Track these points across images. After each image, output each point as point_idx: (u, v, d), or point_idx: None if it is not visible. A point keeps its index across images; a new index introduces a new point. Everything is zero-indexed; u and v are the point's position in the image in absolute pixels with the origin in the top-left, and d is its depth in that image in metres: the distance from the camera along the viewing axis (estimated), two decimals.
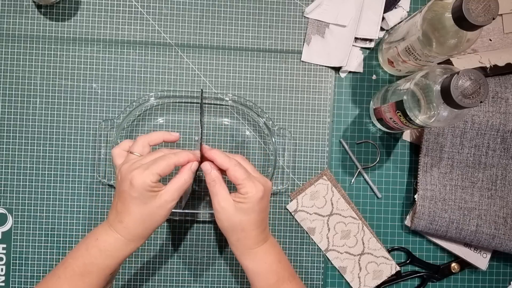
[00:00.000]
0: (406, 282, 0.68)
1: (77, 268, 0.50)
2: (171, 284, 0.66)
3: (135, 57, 0.67)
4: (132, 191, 0.48)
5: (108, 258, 0.50)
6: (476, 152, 0.65)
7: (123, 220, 0.50)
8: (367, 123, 0.68)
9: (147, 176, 0.48)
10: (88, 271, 0.50)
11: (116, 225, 0.50)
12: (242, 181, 0.51)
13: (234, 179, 0.52)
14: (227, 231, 0.53)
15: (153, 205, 0.50)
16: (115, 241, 0.50)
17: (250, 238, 0.53)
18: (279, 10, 0.68)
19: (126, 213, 0.50)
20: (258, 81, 0.67)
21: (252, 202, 0.51)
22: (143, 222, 0.50)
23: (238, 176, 0.52)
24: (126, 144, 0.55)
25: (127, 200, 0.49)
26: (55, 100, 0.66)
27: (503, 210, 0.65)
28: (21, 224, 0.65)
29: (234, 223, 0.52)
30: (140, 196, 0.49)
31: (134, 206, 0.49)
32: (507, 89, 0.64)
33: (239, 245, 0.53)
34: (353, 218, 0.67)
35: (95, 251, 0.50)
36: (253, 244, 0.53)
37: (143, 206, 0.49)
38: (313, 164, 0.68)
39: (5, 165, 0.65)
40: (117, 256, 0.51)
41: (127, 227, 0.50)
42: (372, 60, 0.68)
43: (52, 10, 0.66)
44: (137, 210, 0.49)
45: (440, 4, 0.52)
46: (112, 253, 0.50)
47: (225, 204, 0.52)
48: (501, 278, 0.69)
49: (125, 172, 0.49)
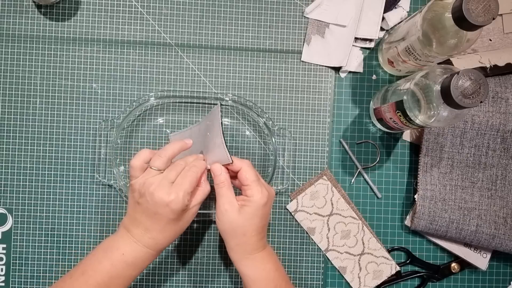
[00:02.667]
0: (406, 282, 0.68)
1: (102, 281, 0.51)
2: (171, 284, 0.66)
3: (135, 57, 0.67)
4: (171, 214, 0.50)
5: (134, 269, 0.52)
6: (476, 152, 0.65)
7: (155, 237, 0.52)
8: (367, 123, 0.68)
9: (185, 197, 0.50)
10: (114, 283, 0.51)
11: (145, 241, 0.52)
12: (251, 182, 0.53)
13: (244, 179, 0.53)
14: (228, 234, 0.53)
15: (185, 220, 0.53)
16: (144, 255, 0.52)
17: (249, 244, 0.53)
18: (279, 10, 0.68)
19: (160, 232, 0.51)
20: (258, 81, 0.67)
21: (256, 206, 0.52)
22: (174, 236, 0.53)
23: (248, 177, 0.53)
24: (147, 156, 0.54)
25: (163, 222, 0.51)
26: (55, 100, 0.66)
27: (503, 210, 0.65)
28: (21, 224, 0.65)
29: (236, 226, 0.52)
30: (177, 216, 0.51)
31: (170, 225, 0.51)
32: (507, 89, 0.64)
33: (238, 250, 0.54)
34: (353, 218, 0.67)
35: (122, 265, 0.51)
36: (252, 250, 0.54)
37: (177, 223, 0.52)
38: (313, 164, 0.68)
39: (5, 165, 0.65)
40: (142, 266, 0.53)
41: (159, 243, 0.52)
42: (372, 60, 0.68)
43: (52, 10, 0.66)
44: (172, 228, 0.52)
45: (440, 4, 0.52)
46: (140, 265, 0.52)
47: (229, 206, 0.52)
48: (501, 278, 0.69)
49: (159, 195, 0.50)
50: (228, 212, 0.52)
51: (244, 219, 0.52)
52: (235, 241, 0.53)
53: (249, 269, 0.54)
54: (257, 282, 0.54)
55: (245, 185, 0.54)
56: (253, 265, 0.54)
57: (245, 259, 0.54)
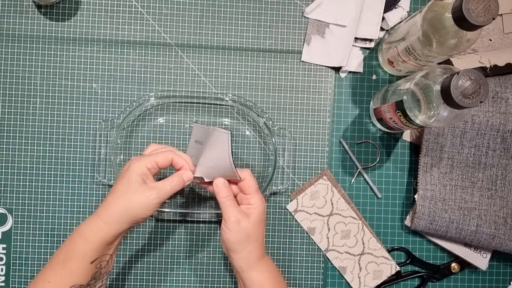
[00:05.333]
0: (406, 282, 0.68)
1: (60, 256, 0.51)
2: (171, 284, 0.66)
3: (135, 57, 0.67)
4: (126, 172, 0.51)
5: (86, 242, 0.50)
6: (476, 152, 0.65)
7: (107, 199, 0.52)
8: (367, 123, 0.68)
9: (143, 161, 0.52)
10: (69, 257, 0.50)
11: (99, 207, 0.52)
12: (255, 191, 0.55)
13: (247, 188, 0.55)
14: (241, 244, 0.54)
15: (138, 192, 0.51)
16: (93, 224, 0.51)
17: (259, 249, 0.55)
18: (279, 10, 0.68)
19: (112, 192, 0.52)
20: (258, 81, 0.67)
21: (260, 212, 0.55)
22: (123, 205, 0.50)
23: (252, 185, 0.55)
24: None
25: (117, 181, 0.52)
26: (55, 100, 0.66)
27: (503, 210, 0.65)
28: (21, 224, 0.65)
29: (249, 234, 0.54)
30: (130, 179, 0.51)
31: (122, 187, 0.51)
32: (507, 89, 0.64)
33: (250, 257, 0.54)
34: (353, 218, 0.67)
35: (75, 236, 0.51)
36: (261, 256, 0.55)
37: (129, 189, 0.51)
38: (313, 164, 0.68)
39: (5, 165, 0.65)
40: (93, 240, 0.50)
41: (107, 207, 0.51)
42: (372, 60, 0.68)
43: (52, 10, 0.66)
44: (122, 191, 0.51)
45: (440, 4, 0.52)
46: (89, 236, 0.50)
47: (240, 216, 0.54)
48: (501, 278, 0.69)
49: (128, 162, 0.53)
50: (241, 221, 0.53)
51: (254, 226, 0.54)
52: (248, 249, 0.54)
53: (259, 274, 0.55)
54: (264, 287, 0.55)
55: (247, 193, 0.55)
56: (262, 269, 0.55)
57: (254, 265, 0.55)
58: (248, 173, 0.56)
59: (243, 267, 0.55)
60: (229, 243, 0.54)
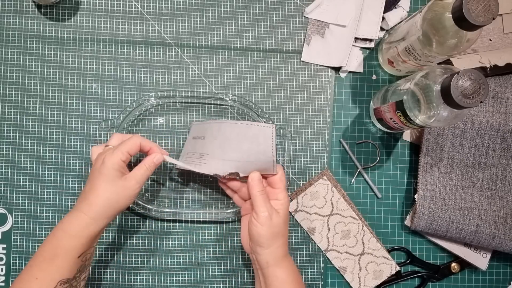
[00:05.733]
0: (406, 282, 0.68)
1: (46, 253, 0.51)
2: (171, 284, 0.66)
3: (135, 57, 0.67)
4: (102, 168, 0.52)
5: (72, 238, 0.51)
6: (476, 152, 0.65)
7: (88, 197, 0.52)
8: (367, 123, 0.68)
9: (117, 155, 0.52)
10: (56, 254, 0.51)
11: (81, 204, 0.52)
12: (284, 186, 0.57)
13: (279, 182, 0.57)
14: (271, 238, 0.54)
15: (120, 186, 0.52)
16: (78, 220, 0.51)
17: (285, 245, 0.56)
18: (279, 10, 0.68)
19: (93, 190, 0.52)
20: (258, 81, 0.67)
21: (287, 208, 0.56)
22: (108, 200, 0.52)
23: (284, 181, 0.57)
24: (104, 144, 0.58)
25: (95, 178, 0.52)
26: (55, 100, 0.66)
27: (503, 210, 0.65)
28: (21, 224, 0.65)
29: (280, 229, 0.55)
30: (109, 174, 0.52)
31: (102, 183, 0.52)
32: (507, 89, 0.64)
33: (278, 252, 0.55)
34: (353, 218, 0.67)
35: (60, 233, 0.51)
36: (286, 251, 0.57)
37: (111, 185, 0.52)
38: (313, 164, 0.68)
39: (5, 165, 0.65)
40: (80, 236, 0.51)
41: (92, 204, 0.52)
42: (372, 60, 0.68)
43: (52, 10, 0.66)
44: (104, 188, 0.52)
45: (440, 4, 0.52)
46: (75, 232, 0.51)
47: (272, 211, 0.55)
48: (501, 278, 0.69)
49: (98, 156, 0.54)
50: (273, 216, 0.54)
51: (283, 221, 0.55)
52: (277, 244, 0.55)
53: (283, 271, 0.55)
54: (287, 283, 0.55)
55: (277, 188, 0.57)
56: (286, 266, 0.56)
57: (280, 261, 0.55)
58: (281, 168, 0.57)
59: (270, 262, 0.55)
60: (260, 237, 0.54)
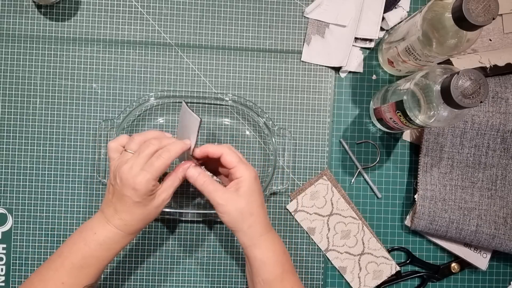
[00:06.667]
0: (406, 282, 0.68)
1: (76, 261, 0.52)
2: (171, 284, 0.66)
3: (135, 57, 0.67)
4: (135, 197, 0.51)
5: (107, 250, 0.53)
6: (476, 152, 0.65)
7: (123, 218, 0.52)
8: (367, 123, 0.68)
9: (149, 182, 0.51)
10: (88, 263, 0.52)
11: (115, 221, 0.52)
12: (237, 163, 0.53)
13: (228, 163, 0.54)
14: (238, 221, 0.53)
15: (153, 206, 0.53)
16: (114, 235, 0.53)
17: (260, 222, 0.54)
18: (279, 10, 0.68)
19: (127, 213, 0.52)
20: (258, 81, 0.67)
21: (249, 182, 0.53)
22: (143, 220, 0.53)
23: (232, 159, 0.54)
24: (124, 140, 0.55)
25: (128, 204, 0.52)
26: (55, 100, 0.66)
27: (503, 210, 0.65)
28: (21, 224, 0.65)
29: (242, 209, 0.52)
30: (142, 200, 0.51)
31: (136, 208, 0.52)
32: (507, 89, 0.64)
33: (250, 232, 0.53)
34: (353, 218, 0.67)
35: (94, 245, 0.52)
36: (263, 230, 0.54)
37: (144, 208, 0.52)
38: (313, 164, 0.68)
39: (5, 165, 0.65)
40: (115, 248, 0.53)
41: (127, 224, 0.53)
42: (372, 60, 0.68)
43: (52, 10, 0.66)
44: (139, 211, 0.52)
45: (440, 4, 0.52)
46: (110, 246, 0.53)
47: (226, 195, 0.53)
48: (501, 278, 0.69)
49: (126, 177, 0.51)
50: (228, 200, 0.52)
51: (246, 199, 0.52)
52: (247, 224, 0.53)
53: (259, 251, 0.53)
54: (266, 266, 0.53)
55: (231, 167, 0.54)
56: (263, 246, 0.54)
57: (256, 241, 0.53)
58: (226, 148, 0.54)
59: (246, 243, 0.54)
60: (228, 224, 0.54)
